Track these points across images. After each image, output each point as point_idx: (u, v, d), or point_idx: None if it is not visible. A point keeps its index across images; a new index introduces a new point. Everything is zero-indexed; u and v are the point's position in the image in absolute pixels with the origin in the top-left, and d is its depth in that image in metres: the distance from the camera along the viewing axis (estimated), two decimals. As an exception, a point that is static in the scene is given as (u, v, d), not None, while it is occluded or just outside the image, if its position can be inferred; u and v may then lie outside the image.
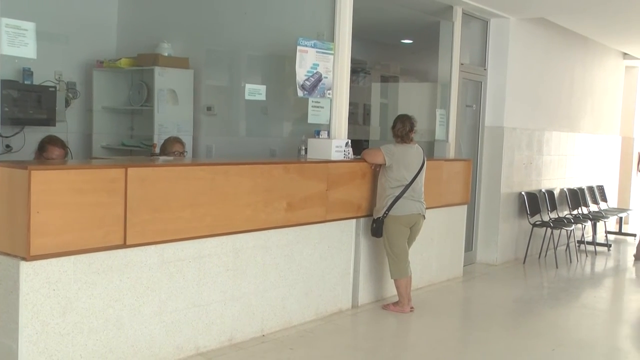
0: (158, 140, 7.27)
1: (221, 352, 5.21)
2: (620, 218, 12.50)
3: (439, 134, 8.27)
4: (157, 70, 7.60)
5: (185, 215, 4.89)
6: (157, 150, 7.04)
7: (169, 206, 4.78)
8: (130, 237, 4.53)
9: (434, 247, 7.73)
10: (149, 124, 7.73)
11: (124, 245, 4.51)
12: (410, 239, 6.66)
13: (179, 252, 4.93)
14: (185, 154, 6.58)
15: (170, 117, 7.68)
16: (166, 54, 7.75)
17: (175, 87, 7.72)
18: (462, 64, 8.52)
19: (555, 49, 10.29)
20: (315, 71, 6.25)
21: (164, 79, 7.65)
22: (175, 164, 5.32)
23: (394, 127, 6.58)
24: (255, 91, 6.40)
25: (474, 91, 9.09)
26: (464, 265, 8.50)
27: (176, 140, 6.58)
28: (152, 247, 4.73)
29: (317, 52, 6.28)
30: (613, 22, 9.64)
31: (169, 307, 4.90)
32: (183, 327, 5.01)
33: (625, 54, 12.81)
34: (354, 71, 9.00)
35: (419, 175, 6.51)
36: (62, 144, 5.70)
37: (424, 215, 6.64)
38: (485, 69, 9.13)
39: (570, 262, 9.83)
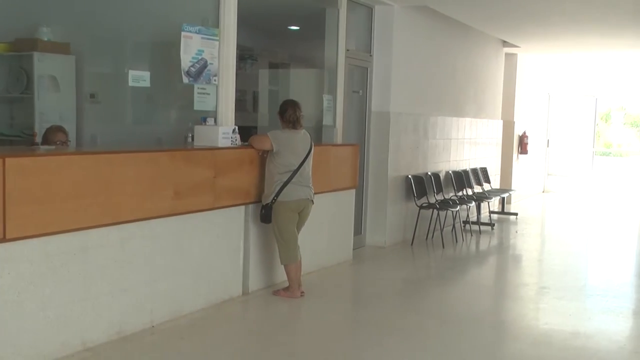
0: (39, 129, 7.00)
1: (110, 346, 5.11)
2: (503, 198, 13.01)
3: (326, 119, 8.34)
4: (37, 55, 7.30)
5: (69, 206, 4.77)
6: (39, 139, 6.79)
7: (51, 197, 4.64)
8: (10, 230, 4.37)
9: (324, 232, 7.81)
10: (30, 113, 7.41)
11: (4, 240, 4.34)
12: (299, 224, 6.71)
13: (63, 244, 4.79)
14: (68, 143, 6.38)
15: (52, 105, 7.40)
16: (46, 39, 7.45)
17: (56, 73, 7.44)
18: (348, 50, 8.61)
19: (439, 37, 10.57)
20: (200, 57, 6.18)
21: (43, 65, 7.34)
22: (57, 153, 5.16)
23: (284, 113, 6.56)
24: (139, 78, 6.26)
25: (361, 77, 9.21)
26: (353, 249, 8.63)
27: (58, 129, 6.35)
28: (35, 240, 4.57)
29: (202, 38, 6.21)
30: (491, 11, 9.99)
31: (53, 302, 4.76)
32: (69, 322, 4.88)
33: (504, 41, 13.29)
34: (241, 58, 8.96)
35: (307, 160, 6.56)
36: None
37: (312, 200, 6.69)
38: (371, 55, 9.27)
39: (456, 241, 10.16)
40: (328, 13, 8.46)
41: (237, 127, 6.46)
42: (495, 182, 13.38)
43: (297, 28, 10.29)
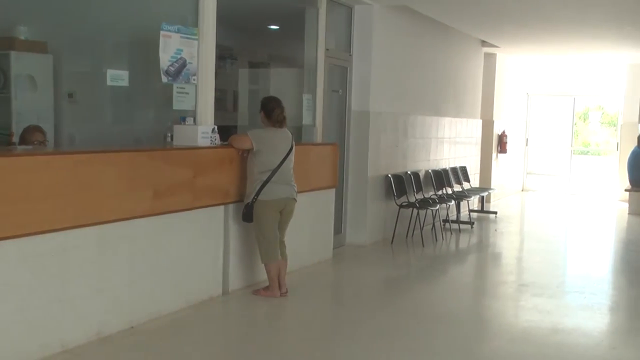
0: (16, 129, 6.94)
1: (89, 348, 5.07)
2: (482, 197, 13.08)
3: (306, 118, 8.34)
4: (14, 54, 7.23)
5: (46, 207, 4.73)
6: (16, 139, 6.73)
7: (28, 198, 4.60)
8: (-13, 231, 4.33)
9: (304, 231, 7.80)
10: (7, 112, 7.33)
11: (-21, 241, 4.31)
12: (283, 223, 6.69)
13: (41, 245, 4.75)
14: (46, 143, 6.33)
15: (29, 104, 7.33)
16: (23, 38, 7.39)
17: (34, 72, 7.37)
18: (327, 50, 8.61)
19: (418, 36, 10.60)
20: (179, 57, 6.16)
21: (21, 64, 7.28)
22: (34, 153, 5.13)
23: (271, 112, 6.52)
24: (118, 77, 6.22)
25: (340, 76, 9.21)
26: (334, 248, 8.64)
27: (36, 128, 6.30)
28: (11, 241, 4.53)
29: (181, 37, 6.19)
30: (470, 12, 10.03)
31: (31, 304, 4.72)
32: (47, 323, 4.85)
33: (483, 41, 13.36)
34: (221, 57, 8.93)
35: (287, 158, 6.54)
36: None
37: (295, 199, 6.68)
38: (350, 55, 9.27)
39: (436, 240, 10.19)
40: (308, 12, 8.46)
41: (216, 127, 6.45)
42: (474, 181, 13.44)
43: (277, 27, 10.27)
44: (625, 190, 14.14)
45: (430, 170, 11.17)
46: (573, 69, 17.00)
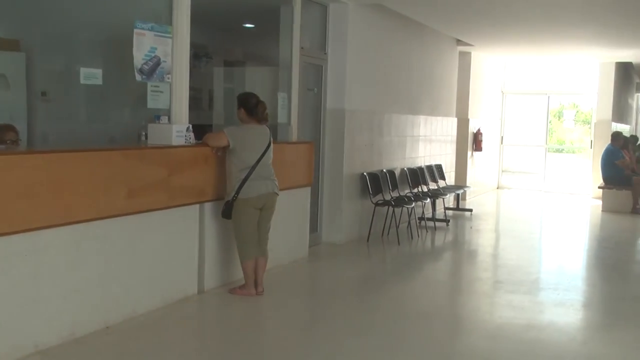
0: (-12, 128, 6.87)
1: (63, 349, 5.03)
2: (458, 195, 13.15)
3: (281, 117, 8.33)
4: (-15, 53, 7.18)
5: (19, 207, 4.69)
6: (-12, 139, 6.66)
7: (1, 197, 4.55)
8: (-42, 231, 4.29)
9: (279, 229, 7.75)
10: (-21, 111, 7.29)
11: (-50, 241, 4.27)
12: (264, 219, 6.67)
13: (13, 245, 4.71)
14: (19, 142, 6.27)
15: (2, 103, 7.27)
16: (-6, 36, 7.33)
17: (6, 71, 7.31)
18: (302, 48, 8.60)
19: (394, 35, 10.63)
20: (153, 55, 6.12)
21: (-8, 63, 7.23)
22: (7, 152, 5.08)
23: (254, 108, 6.51)
24: (91, 75, 6.18)
25: (315, 75, 9.21)
26: (309, 246, 8.63)
27: (9, 127, 6.23)
28: (-17, 242, 4.50)
29: (155, 35, 6.15)
30: (445, 10, 10.08)
31: (3, 304, 4.67)
32: (20, 324, 4.80)
33: (458, 40, 13.42)
34: (196, 56, 8.90)
35: (266, 155, 6.53)
36: None
37: (276, 193, 6.67)
38: (325, 53, 9.28)
39: (412, 238, 10.22)
40: (282, 11, 8.45)
41: (191, 126, 6.42)
42: (450, 179, 13.50)
43: (252, 26, 10.25)
44: (599, 187, 14.33)
45: (405, 169, 11.20)
46: (547, 67, 17.15)
